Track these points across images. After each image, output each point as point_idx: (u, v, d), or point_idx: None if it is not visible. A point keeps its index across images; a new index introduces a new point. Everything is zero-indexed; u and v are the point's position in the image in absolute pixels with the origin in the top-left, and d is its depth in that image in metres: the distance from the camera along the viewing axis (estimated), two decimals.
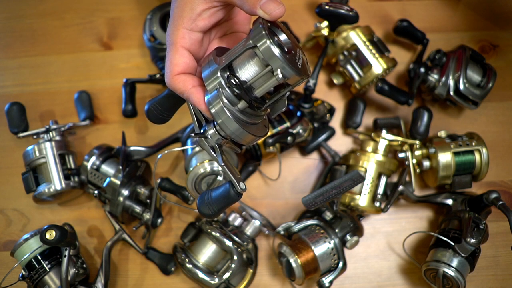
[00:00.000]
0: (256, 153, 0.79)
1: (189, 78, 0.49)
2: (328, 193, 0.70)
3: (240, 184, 0.50)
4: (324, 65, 0.89)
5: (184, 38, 0.49)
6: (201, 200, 0.52)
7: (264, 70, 0.45)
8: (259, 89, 0.47)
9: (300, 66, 0.46)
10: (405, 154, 0.80)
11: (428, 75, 0.83)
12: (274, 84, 0.46)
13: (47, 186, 0.77)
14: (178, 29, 0.49)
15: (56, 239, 0.66)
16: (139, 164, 0.80)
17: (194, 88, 0.49)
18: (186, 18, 0.49)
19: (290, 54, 0.46)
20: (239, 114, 0.47)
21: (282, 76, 0.44)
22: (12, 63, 0.92)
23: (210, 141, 0.50)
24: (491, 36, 0.93)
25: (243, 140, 0.49)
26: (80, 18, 0.94)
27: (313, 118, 0.83)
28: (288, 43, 0.47)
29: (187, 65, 0.50)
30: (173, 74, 0.49)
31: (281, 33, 0.47)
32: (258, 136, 0.49)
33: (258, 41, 0.44)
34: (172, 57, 0.49)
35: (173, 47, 0.49)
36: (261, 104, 0.49)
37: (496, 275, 0.80)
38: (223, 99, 0.46)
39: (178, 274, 0.80)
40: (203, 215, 0.52)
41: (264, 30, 0.44)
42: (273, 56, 0.43)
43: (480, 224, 0.70)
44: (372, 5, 0.95)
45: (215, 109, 0.47)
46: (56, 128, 0.81)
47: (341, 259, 0.73)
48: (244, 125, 0.47)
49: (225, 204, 0.51)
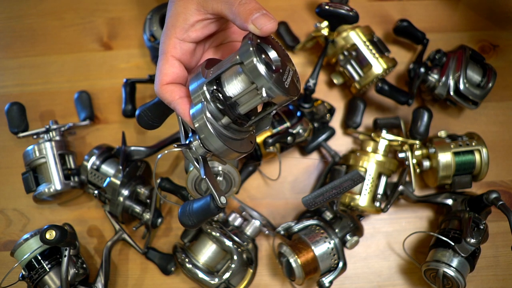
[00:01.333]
0: (256, 153, 0.79)
1: (177, 89, 0.49)
2: (328, 193, 0.70)
3: (221, 199, 0.50)
4: (324, 65, 0.89)
5: (175, 48, 0.49)
6: (182, 210, 0.52)
7: (249, 88, 0.45)
8: (243, 106, 0.46)
9: (287, 85, 0.45)
10: (405, 154, 0.81)
11: (428, 75, 0.83)
12: (258, 103, 0.45)
13: (47, 186, 0.77)
14: (170, 38, 0.49)
15: (56, 239, 0.66)
16: (139, 164, 0.80)
17: (180, 99, 0.48)
18: (179, 28, 0.49)
19: (277, 72, 0.45)
20: (222, 130, 0.47)
21: (267, 95, 0.43)
22: (12, 63, 0.92)
23: (194, 152, 0.50)
24: (491, 36, 0.93)
25: (226, 156, 0.48)
26: (80, 18, 0.94)
27: (313, 118, 0.83)
28: (277, 61, 0.46)
29: (176, 75, 0.50)
30: (162, 83, 0.49)
31: (271, 50, 0.46)
32: (242, 153, 0.49)
33: (245, 57, 0.43)
34: (162, 66, 0.49)
35: (163, 56, 0.50)
36: (245, 121, 0.48)
37: (496, 275, 0.80)
38: (207, 113, 0.46)
39: (178, 274, 0.80)
40: (183, 225, 0.52)
41: (252, 47, 0.43)
42: (259, 74, 0.43)
43: (480, 224, 0.70)
44: (372, 5, 0.95)
45: (199, 124, 0.46)
46: (56, 128, 0.81)
47: (341, 259, 0.73)
48: (227, 141, 0.47)
49: (205, 216, 0.51)
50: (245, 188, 0.85)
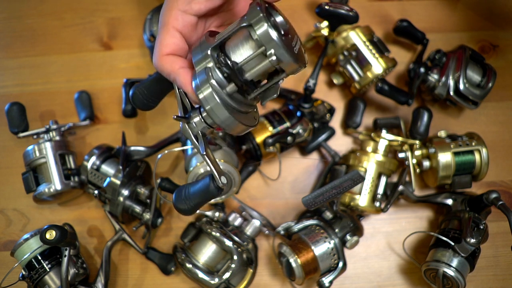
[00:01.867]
0: (256, 153, 0.79)
1: (177, 59, 0.47)
2: (328, 193, 0.70)
3: (221, 178, 0.47)
4: (324, 65, 0.89)
5: (176, 19, 0.48)
6: (177, 195, 0.49)
7: (257, 51, 0.43)
8: (251, 71, 0.44)
9: (296, 51, 0.43)
10: (405, 154, 0.81)
11: (428, 75, 0.83)
12: (266, 67, 0.43)
13: (47, 186, 0.77)
14: (171, 9, 0.48)
15: (56, 239, 0.66)
16: (139, 164, 0.80)
17: (182, 69, 0.47)
18: (181, 0, 0.47)
19: (286, 37, 0.43)
20: (228, 100, 0.44)
21: (276, 58, 0.42)
22: (12, 63, 0.92)
23: (194, 128, 0.48)
24: (491, 36, 0.93)
25: (232, 129, 0.46)
26: (80, 18, 0.94)
27: (313, 118, 0.83)
28: (284, 26, 0.45)
29: (177, 46, 0.48)
30: (161, 54, 0.48)
31: (278, 15, 0.45)
32: (248, 126, 0.46)
33: (254, 21, 0.42)
34: (163, 37, 0.48)
35: (164, 27, 0.48)
36: (251, 89, 0.46)
37: (496, 275, 0.80)
38: (212, 80, 0.43)
39: (178, 274, 0.80)
40: (179, 211, 0.49)
41: (261, 11, 0.42)
42: (268, 36, 0.41)
43: (480, 224, 0.70)
44: (372, 5, 0.95)
45: (204, 94, 0.44)
46: (56, 128, 0.81)
47: (341, 259, 0.73)
48: (234, 113, 0.45)
49: (203, 199, 0.48)
50: (245, 188, 0.85)
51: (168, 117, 0.88)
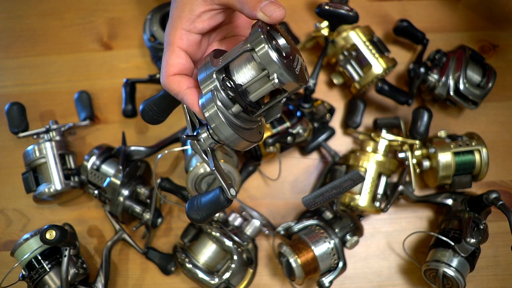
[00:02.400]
0: (256, 153, 0.79)
1: (184, 79, 0.49)
2: (328, 193, 0.70)
3: (230, 191, 0.49)
4: (324, 65, 0.89)
5: (181, 39, 0.49)
6: (190, 205, 0.51)
7: (260, 74, 0.45)
8: (255, 93, 0.46)
9: (298, 72, 0.45)
10: (405, 154, 0.81)
11: (428, 75, 0.83)
12: (270, 89, 0.45)
13: (47, 186, 0.77)
14: (176, 29, 0.49)
15: (56, 239, 0.66)
16: (139, 164, 0.80)
17: (188, 89, 0.48)
18: (185, 19, 0.48)
19: (288, 59, 0.45)
20: (233, 119, 0.46)
21: (279, 81, 0.43)
22: (12, 63, 0.92)
23: (202, 144, 0.50)
24: (491, 36, 0.93)
25: (236, 146, 0.48)
26: (80, 18, 0.94)
27: (313, 118, 0.83)
28: (286, 48, 0.47)
29: (183, 66, 0.49)
30: (169, 74, 0.49)
31: (280, 37, 0.47)
32: (252, 142, 0.48)
33: (256, 44, 0.43)
34: (169, 57, 0.49)
35: (170, 47, 0.49)
36: (256, 109, 0.48)
37: (496, 275, 0.80)
38: (217, 102, 0.45)
39: (178, 274, 0.80)
40: (191, 220, 0.52)
41: (262, 34, 0.43)
42: (270, 60, 0.43)
43: (480, 224, 0.70)
44: (372, 5, 0.95)
45: (209, 113, 0.46)
46: (56, 128, 0.81)
47: (341, 259, 0.73)
48: (238, 130, 0.47)
49: (214, 210, 0.51)
50: (245, 188, 0.85)
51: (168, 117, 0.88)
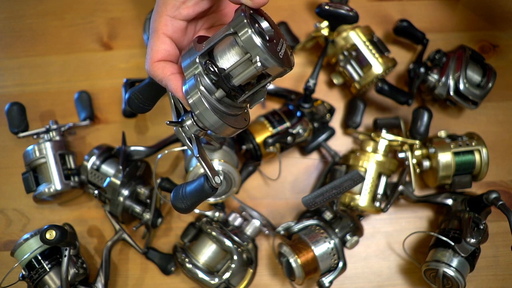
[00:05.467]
0: (256, 153, 0.79)
1: (168, 65, 0.49)
2: (328, 193, 0.70)
3: (215, 178, 0.49)
4: (324, 65, 0.89)
5: (166, 25, 0.49)
6: (175, 194, 0.51)
7: (242, 58, 0.44)
8: (237, 77, 0.45)
9: (281, 56, 0.44)
10: (405, 154, 0.81)
11: (428, 75, 0.83)
12: (253, 73, 0.44)
13: (47, 186, 0.77)
14: (161, 16, 0.49)
15: (56, 239, 0.66)
16: (139, 164, 0.80)
17: (172, 75, 0.48)
18: (170, 6, 0.48)
19: (271, 42, 0.44)
20: (217, 104, 0.46)
21: (261, 64, 0.43)
22: (12, 63, 0.92)
23: (187, 131, 0.49)
24: (491, 36, 0.93)
25: (222, 132, 0.47)
26: (80, 18, 0.94)
27: (313, 118, 0.83)
28: (270, 31, 0.46)
29: (168, 52, 0.49)
30: (153, 60, 0.49)
31: (263, 21, 0.46)
32: (237, 129, 0.48)
33: (239, 28, 0.43)
34: (153, 43, 0.49)
35: (155, 34, 0.49)
36: (239, 94, 0.47)
37: (496, 275, 0.80)
38: (201, 87, 0.45)
39: (178, 274, 0.80)
40: (176, 210, 0.51)
41: (245, 18, 0.43)
42: (253, 43, 0.42)
43: (480, 224, 0.70)
44: (372, 5, 0.95)
45: (193, 99, 0.45)
46: (56, 128, 0.81)
47: (341, 259, 0.73)
48: (223, 116, 0.46)
49: (199, 198, 0.50)
50: (245, 188, 0.85)
51: (168, 118, 0.88)
